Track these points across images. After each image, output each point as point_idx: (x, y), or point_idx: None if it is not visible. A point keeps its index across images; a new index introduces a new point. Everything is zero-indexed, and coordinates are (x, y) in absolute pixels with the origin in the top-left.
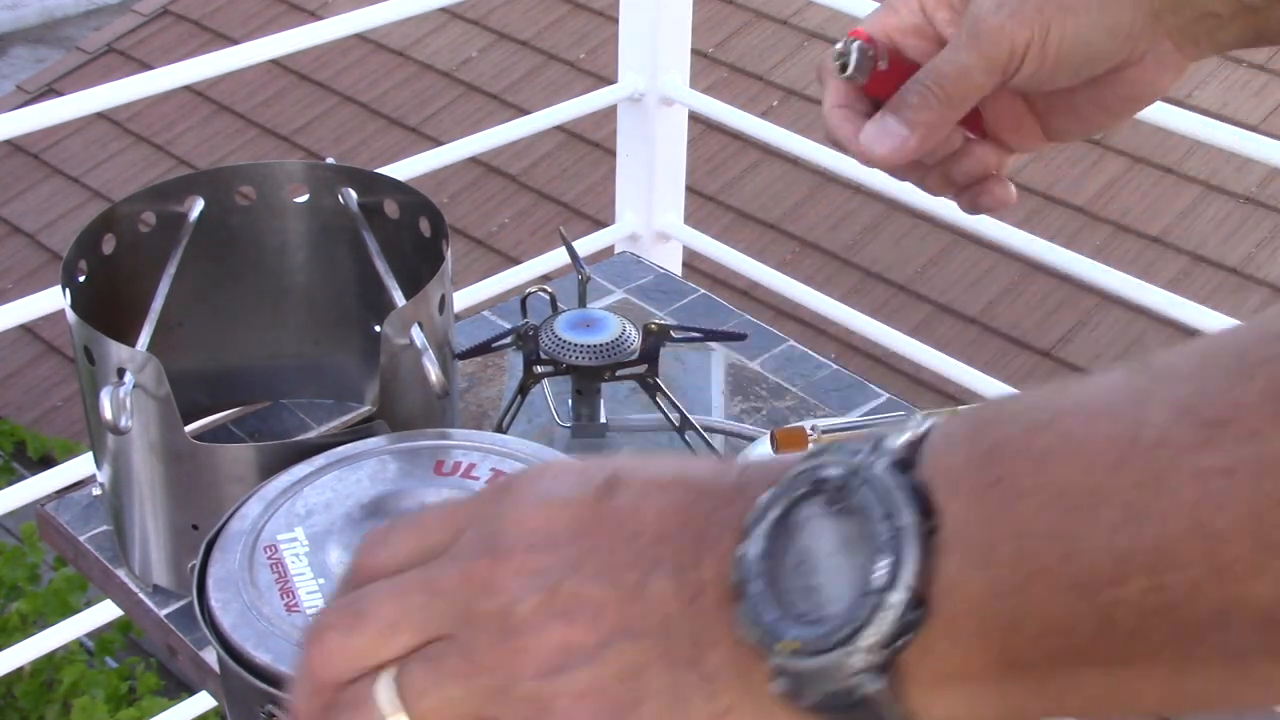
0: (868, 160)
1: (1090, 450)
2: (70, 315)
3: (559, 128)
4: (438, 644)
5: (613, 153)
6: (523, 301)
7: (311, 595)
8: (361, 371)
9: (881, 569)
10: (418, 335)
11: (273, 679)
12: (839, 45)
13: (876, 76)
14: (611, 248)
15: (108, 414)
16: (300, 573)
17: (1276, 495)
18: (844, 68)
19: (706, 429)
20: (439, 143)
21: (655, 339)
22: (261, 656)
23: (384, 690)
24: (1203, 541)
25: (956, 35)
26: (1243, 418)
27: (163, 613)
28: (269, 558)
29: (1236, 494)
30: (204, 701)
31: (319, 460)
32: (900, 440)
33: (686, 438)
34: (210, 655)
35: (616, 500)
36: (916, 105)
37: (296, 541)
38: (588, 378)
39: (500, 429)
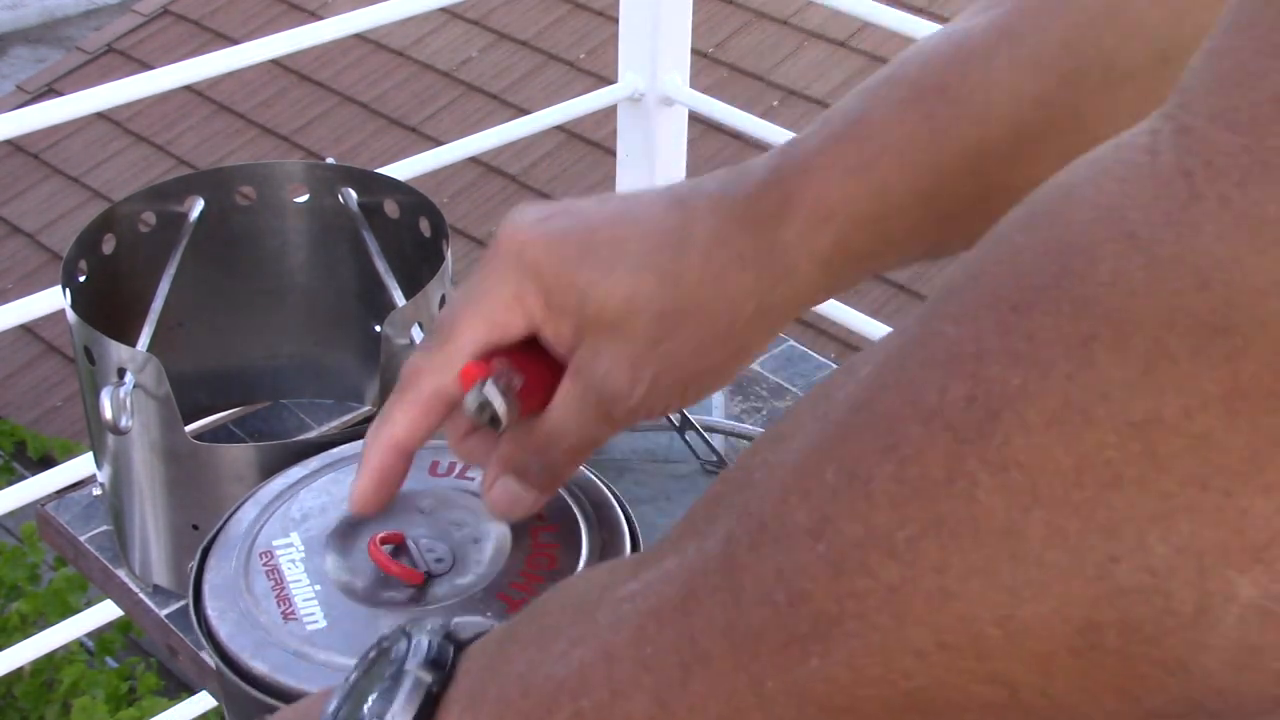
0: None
1: (570, 597)
2: (70, 315)
3: (559, 128)
4: None
5: (613, 153)
6: None
7: (308, 603)
8: (361, 371)
9: (370, 702)
10: (418, 335)
11: (270, 688)
12: (469, 399)
13: (523, 398)
14: None
15: (108, 414)
16: (296, 579)
17: (658, 611)
18: (494, 420)
19: (706, 429)
20: (439, 143)
21: None
22: (258, 666)
23: None
24: (605, 664)
25: (580, 400)
26: (662, 548)
27: (163, 613)
28: (265, 564)
29: (631, 614)
30: (204, 701)
31: (313, 462)
32: (468, 622)
33: (687, 438)
34: (210, 657)
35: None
36: (541, 476)
37: (292, 547)
38: None
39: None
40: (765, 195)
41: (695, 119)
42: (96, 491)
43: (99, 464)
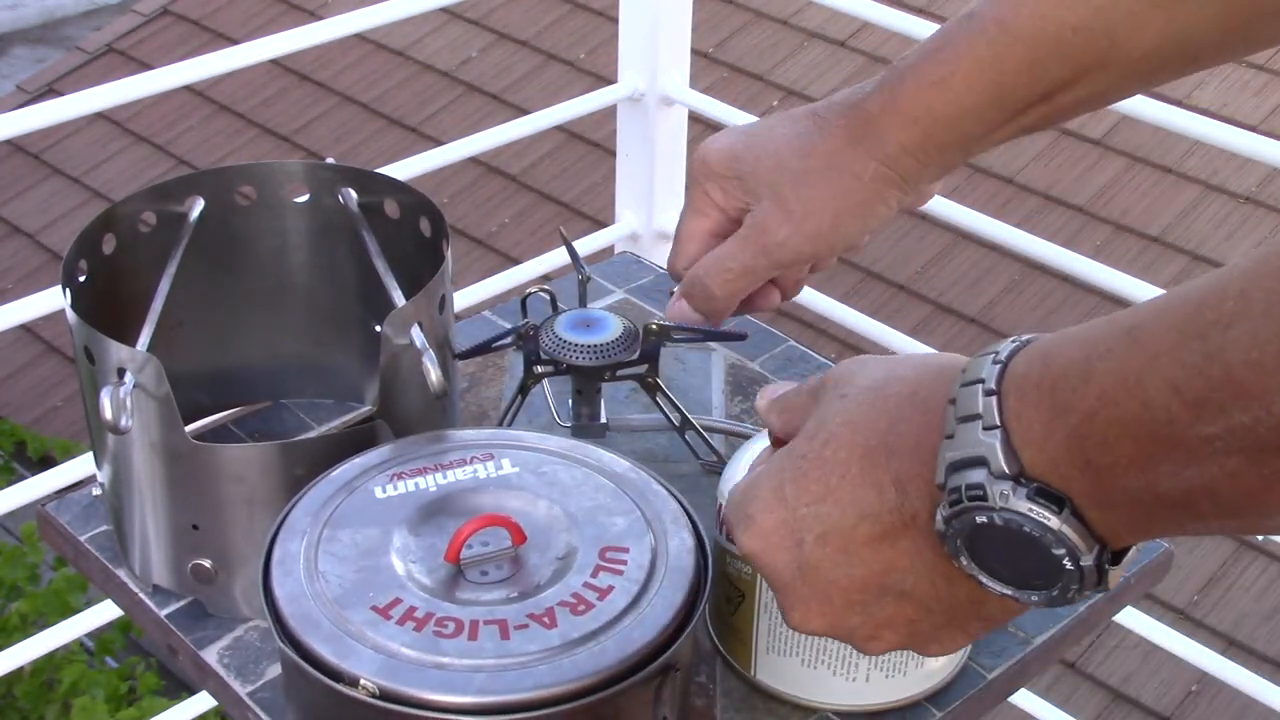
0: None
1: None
2: (70, 315)
3: (559, 128)
4: None
5: (613, 153)
6: (523, 301)
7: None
8: (361, 371)
9: (1068, 562)
10: (418, 335)
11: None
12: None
13: None
14: (611, 248)
15: (108, 414)
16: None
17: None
18: None
19: (706, 429)
20: (439, 143)
21: (655, 339)
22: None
23: None
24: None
25: (745, 236)
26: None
27: (163, 613)
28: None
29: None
30: (204, 701)
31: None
32: (1006, 462)
33: (687, 438)
34: (210, 655)
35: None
36: (708, 296)
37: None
38: (588, 378)
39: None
40: (872, 100)
41: (695, 119)
42: (96, 491)
43: (99, 464)
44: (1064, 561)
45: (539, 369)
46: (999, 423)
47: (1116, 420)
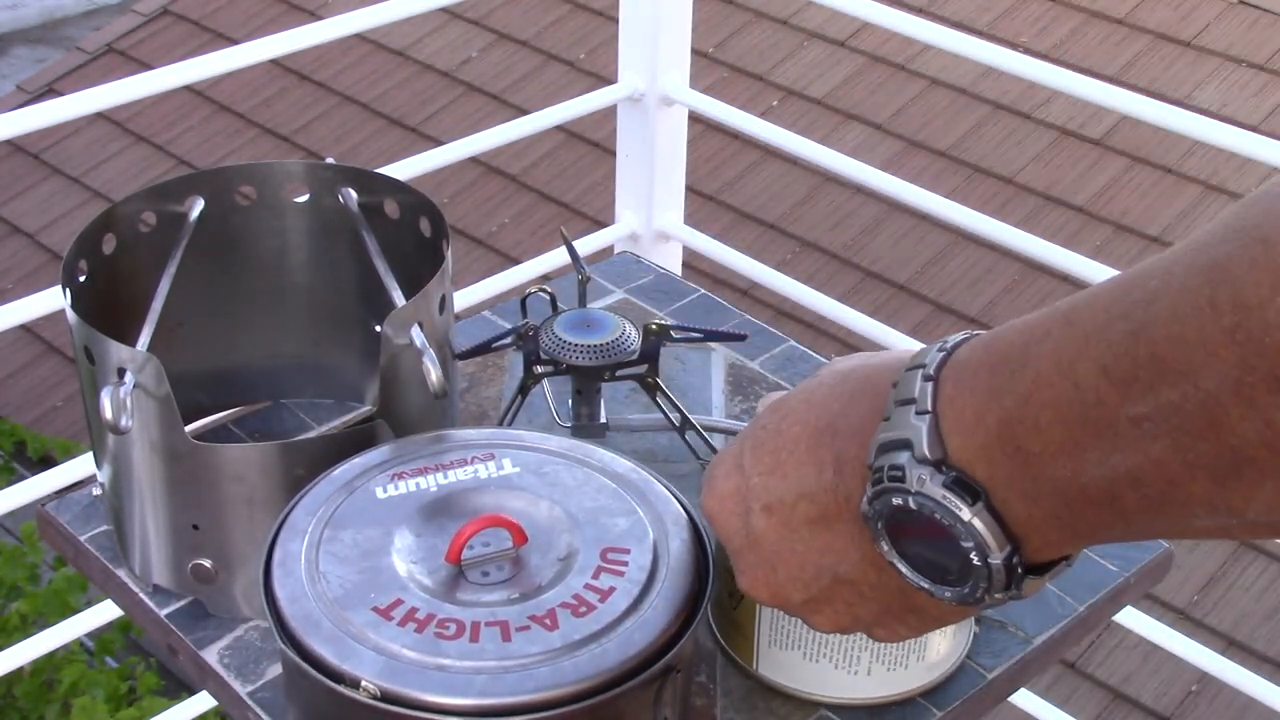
0: None
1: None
2: (70, 315)
3: (559, 128)
4: None
5: (613, 153)
6: (523, 301)
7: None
8: (361, 371)
9: (976, 558)
10: (418, 335)
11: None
12: None
13: None
14: (611, 248)
15: (108, 414)
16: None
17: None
18: None
19: (706, 429)
20: (439, 143)
21: (655, 339)
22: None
23: None
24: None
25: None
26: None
27: (163, 613)
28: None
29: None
30: (204, 701)
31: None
32: (929, 447)
33: (687, 438)
34: (210, 655)
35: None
36: None
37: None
38: (588, 378)
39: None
40: None
41: (695, 119)
42: (96, 491)
43: (99, 464)
44: (971, 556)
45: (539, 369)
46: (930, 408)
47: (1050, 403)
